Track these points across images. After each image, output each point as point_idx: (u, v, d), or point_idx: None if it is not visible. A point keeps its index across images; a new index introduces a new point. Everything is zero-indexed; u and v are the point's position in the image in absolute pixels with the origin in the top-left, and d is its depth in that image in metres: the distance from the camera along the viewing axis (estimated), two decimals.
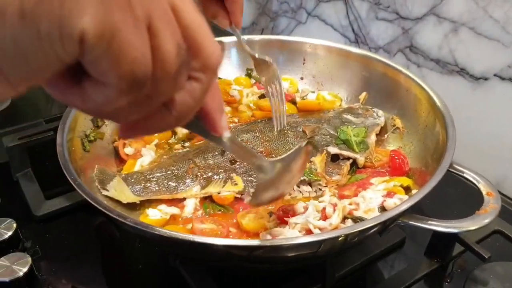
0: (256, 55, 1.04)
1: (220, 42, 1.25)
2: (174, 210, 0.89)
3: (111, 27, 0.33)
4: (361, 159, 0.99)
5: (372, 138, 1.05)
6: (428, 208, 0.96)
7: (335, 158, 1.01)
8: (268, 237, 0.80)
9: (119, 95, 0.37)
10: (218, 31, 1.11)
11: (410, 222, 0.76)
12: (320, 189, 0.95)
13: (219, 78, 1.26)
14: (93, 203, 0.74)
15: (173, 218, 0.89)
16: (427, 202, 0.89)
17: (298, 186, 0.95)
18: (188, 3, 0.40)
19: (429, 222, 0.75)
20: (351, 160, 1.00)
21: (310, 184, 0.96)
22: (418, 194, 0.75)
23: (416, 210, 0.79)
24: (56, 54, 0.33)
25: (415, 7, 1.26)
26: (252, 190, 0.93)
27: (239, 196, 0.93)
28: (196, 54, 0.41)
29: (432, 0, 1.21)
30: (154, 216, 0.87)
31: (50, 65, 0.34)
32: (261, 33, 1.85)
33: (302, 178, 0.94)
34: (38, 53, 0.32)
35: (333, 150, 1.00)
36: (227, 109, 1.18)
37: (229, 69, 1.29)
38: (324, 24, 1.57)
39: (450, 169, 0.83)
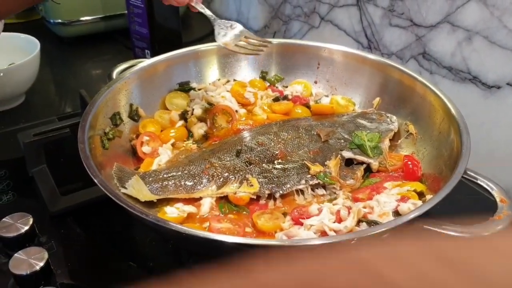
0: (216, 19, 1.07)
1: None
2: (191, 208, 0.91)
3: None
4: (375, 164, 1.00)
5: (386, 143, 1.06)
6: (440, 214, 0.97)
7: (349, 162, 1.02)
8: (284, 237, 0.82)
9: None
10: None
11: (425, 226, 0.77)
12: (334, 193, 0.96)
13: (234, 80, 1.28)
14: (115, 199, 0.76)
15: (190, 216, 0.90)
16: (439, 208, 0.90)
17: (313, 190, 0.96)
18: None
19: (443, 226, 0.76)
20: (365, 165, 1.01)
21: (324, 187, 0.97)
22: (432, 200, 0.77)
23: (429, 216, 0.80)
24: None
25: (430, 14, 1.26)
26: (267, 191, 0.94)
27: (254, 197, 0.94)
28: None
29: (446, 8, 1.21)
30: (171, 213, 0.88)
31: None
32: (273, 37, 1.86)
33: (316, 181, 0.95)
34: None
35: (347, 154, 1.02)
36: (242, 111, 1.19)
37: (244, 72, 1.30)
38: (337, 29, 1.57)
39: (464, 176, 0.84)
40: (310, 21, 1.67)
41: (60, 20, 1.85)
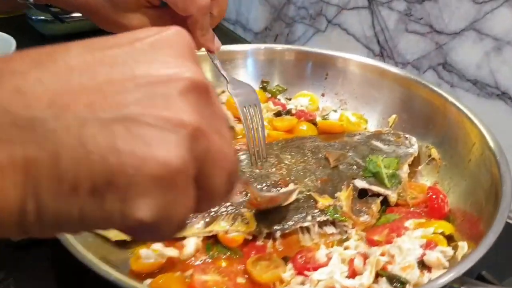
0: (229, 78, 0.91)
1: (234, 52, 1.12)
2: (172, 251, 0.76)
3: (164, 213, 0.36)
4: (393, 197, 0.86)
5: (405, 170, 0.92)
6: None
7: (362, 193, 0.87)
8: None
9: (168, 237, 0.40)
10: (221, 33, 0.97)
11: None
12: (346, 231, 0.82)
13: None
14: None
15: (171, 261, 0.76)
16: None
17: (321, 227, 0.81)
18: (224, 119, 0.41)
19: None
20: (381, 197, 0.86)
21: (333, 224, 0.82)
22: (473, 255, 0.62)
23: None
24: (112, 224, 0.35)
25: (453, 20, 1.13)
26: (266, 231, 0.80)
27: (249, 237, 0.79)
28: None
29: (472, 14, 1.08)
30: (147, 259, 0.74)
31: (99, 227, 0.38)
32: (275, 40, 1.72)
33: (325, 218, 0.81)
34: (97, 223, 0.35)
35: (361, 184, 0.87)
36: (239, 127, 1.03)
37: (243, 80, 1.15)
38: (345, 34, 1.44)
39: (508, 220, 0.69)
40: (315, 24, 1.53)
41: (43, 17, 1.71)
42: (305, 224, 0.80)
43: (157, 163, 0.34)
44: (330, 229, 0.81)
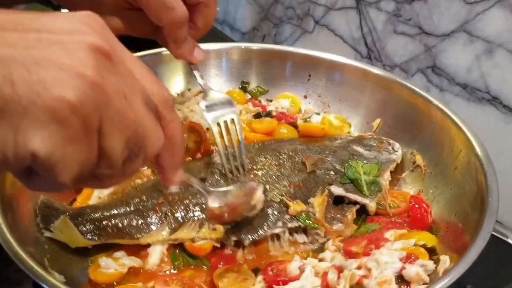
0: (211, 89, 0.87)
1: (208, 51, 1.07)
2: (134, 262, 0.71)
3: (59, 151, 0.38)
4: (371, 206, 0.81)
5: (386, 177, 0.87)
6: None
7: (338, 200, 0.83)
8: None
9: (63, 187, 0.42)
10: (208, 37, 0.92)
11: None
12: (317, 240, 0.77)
13: None
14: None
15: (133, 272, 0.71)
16: None
17: (292, 235, 0.77)
18: (140, 95, 0.44)
19: None
20: (358, 206, 0.82)
21: (305, 232, 0.78)
22: (455, 271, 0.57)
23: None
24: (5, 159, 0.37)
25: (443, 21, 1.09)
26: (234, 238, 0.75)
27: (217, 245, 0.75)
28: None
29: (463, 15, 1.04)
30: (107, 269, 0.69)
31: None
32: (263, 40, 1.69)
33: (297, 224, 0.77)
34: None
35: (337, 190, 0.82)
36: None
37: (221, 81, 1.12)
38: (333, 35, 1.39)
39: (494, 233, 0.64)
40: (303, 25, 1.49)
41: None
42: (275, 231, 0.76)
43: (51, 97, 0.37)
44: (301, 238, 0.77)
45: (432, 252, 0.72)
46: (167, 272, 0.72)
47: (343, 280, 0.64)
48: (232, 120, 0.83)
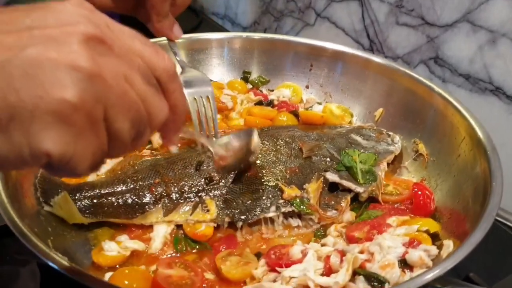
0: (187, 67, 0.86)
1: (210, 40, 1.07)
2: (137, 245, 0.71)
3: (70, 148, 0.40)
4: (363, 194, 0.81)
5: (382, 168, 0.87)
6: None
7: (333, 187, 0.82)
8: None
9: (82, 175, 0.44)
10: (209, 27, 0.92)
11: None
12: (311, 225, 0.77)
13: (211, 81, 1.08)
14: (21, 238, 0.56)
15: (136, 255, 0.71)
16: None
17: (286, 218, 0.77)
18: (138, 71, 0.45)
19: None
20: (352, 194, 0.82)
21: (299, 216, 0.78)
22: (457, 253, 0.57)
23: None
24: (24, 159, 0.40)
25: (445, 12, 1.08)
26: (227, 219, 0.75)
27: (214, 225, 0.75)
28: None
29: (466, 5, 1.04)
30: (110, 251, 0.68)
31: (17, 165, 0.41)
32: None
33: (290, 209, 0.77)
34: (8, 155, 0.39)
35: (332, 177, 0.82)
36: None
37: (222, 71, 1.12)
38: (334, 27, 1.39)
39: (497, 218, 0.64)
40: (304, 18, 1.49)
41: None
42: (269, 215, 0.76)
43: (52, 100, 0.38)
44: (295, 222, 0.77)
45: (435, 238, 0.72)
46: (169, 255, 0.72)
47: (346, 263, 0.63)
48: (208, 98, 0.83)
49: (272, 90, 1.11)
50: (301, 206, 0.76)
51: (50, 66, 0.39)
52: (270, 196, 0.78)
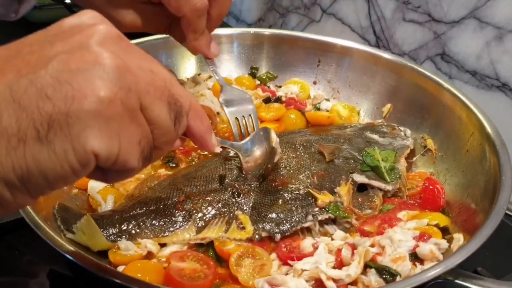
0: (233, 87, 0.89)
1: (219, 36, 1.08)
2: (154, 247, 0.70)
3: (115, 141, 0.41)
4: (391, 192, 0.81)
5: (402, 163, 0.87)
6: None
7: (361, 187, 0.82)
8: (266, 286, 0.61)
9: (135, 170, 0.46)
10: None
11: (457, 281, 0.57)
12: (348, 228, 0.76)
13: None
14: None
15: (151, 254, 0.70)
16: None
17: (321, 226, 0.75)
18: (158, 63, 0.47)
19: (483, 283, 0.57)
20: (382, 191, 0.81)
21: (334, 221, 0.76)
22: (468, 247, 0.58)
23: None
24: (72, 167, 0.40)
25: (452, 8, 1.08)
26: (264, 234, 0.72)
27: (247, 244, 0.72)
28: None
29: (473, 1, 1.04)
30: (127, 251, 0.68)
31: (66, 177, 0.41)
32: None
33: (327, 216, 0.75)
34: (56, 167, 0.39)
35: (360, 178, 0.81)
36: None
37: (230, 67, 1.12)
38: (340, 24, 1.39)
39: (507, 212, 0.65)
40: (310, 14, 1.49)
41: None
42: (306, 225, 0.74)
43: (85, 98, 0.39)
44: (331, 228, 0.75)
45: (444, 232, 0.72)
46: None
47: (357, 256, 0.64)
48: (250, 116, 0.85)
49: (280, 86, 1.11)
50: (337, 211, 0.75)
51: (77, 69, 0.40)
52: (304, 204, 0.75)
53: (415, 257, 0.67)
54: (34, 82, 0.39)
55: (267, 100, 1.04)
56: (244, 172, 0.78)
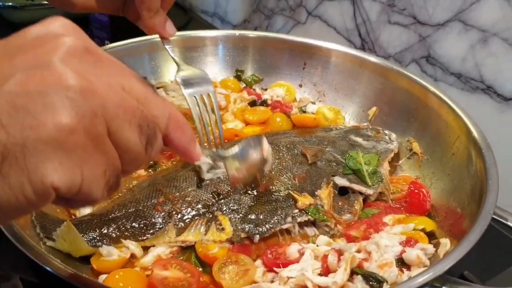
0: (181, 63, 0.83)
1: (204, 38, 1.06)
2: (137, 249, 0.69)
3: (77, 174, 0.37)
4: (373, 197, 0.81)
5: (385, 167, 0.87)
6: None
7: (342, 190, 0.81)
8: None
9: (101, 199, 0.41)
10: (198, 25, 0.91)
11: (445, 287, 0.57)
12: (328, 231, 0.75)
13: None
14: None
15: (134, 256, 0.69)
16: None
17: (301, 227, 0.75)
18: (132, 77, 0.43)
19: None
20: (363, 196, 0.81)
21: (314, 224, 0.76)
22: (455, 252, 0.57)
23: None
24: (29, 200, 0.36)
25: (437, 11, 1.08)
26: (243, 235, 0.72)
27: (230, 246, 0.72)
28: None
29: (458, 4, 1.04)
30: (109, 256, 0.67)
31: (24, 209, 0.37)
32: None
33: (306, 218, 0.74)
34: (11, 200, 0.36)
35: (341, 181, 0.81)
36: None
37: (215, 69, 1.11)
38: (326, 26, 1.38)
39: (494, 216, 0.64)
40: (295, 16, 1.48)
41: (11, 3, 1.64)
42: (285, 226, 0.73)
43: (44, 127, 0.35)
44: (311, 230, 0.75)
45: (431, 237, 0.72)
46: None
47: (343, 262, 0.63)
48: (209, 96, 0.79)
49: (266, 89, 1.10)
50: (317, 214, 0.74)
51: (36, 92, 0.36)
52: (284, 206, 0.75)
53: (401, 263, 0.66)
54: None
55: (252, 103, 1.03)
56: (230, 183, 0.74)
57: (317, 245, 0.71)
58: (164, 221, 0.72)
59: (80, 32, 0.42)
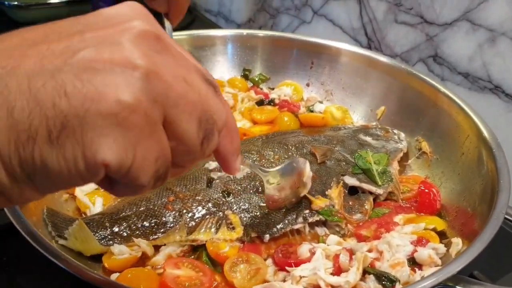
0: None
1: (213, 37, 1.06)
2: (148, 248, 0.69)
3: (129, 154, 0.37)
4: (383, 196, 0.81)
5: (395, 167, 0.86)
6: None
7: (352, 190, 0.81)
8: None
9: (146, 188, 0.40)
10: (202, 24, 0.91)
11: (458, 287, 0.57)
12: (338, 231, 0.75)
13: None
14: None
15: (143, 259, 0.69)
16: None
17: (312, 227, 0.75)
18: (197, 72, 0.42)
19: None
20: (373, 195, 0.81)
21: (324, 223, 0.76)
22: (470, 251, 0.57)
23: None
24: (80, 174, 0.36)
25: (445, 10, 1.08)
26: (254, 234, 0.72)
27: (240, 245, 0.71)
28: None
29: (466, 4, 1.03)
30: (121, 255, 0.67)
31: (73, 182, 0.38)
32: None
33: (317, 218, 0.74)
34: (63, 172, 0.36)
35: (351, 181, 0.81)
36: None
37: (223, 68, 1.11)
38: (332, 25, 1.38)
39: (506, 216, 0.64)
40: (301, 15, 1.48)
41: (16, 3, 1.64)
42: (296, 227, 0.73)
43: (105, 102, 0.35)
44: (321, 230, 0.75)
45: (442, 236, 0.72)
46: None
47: (355, 262, 0.63)
48: None
49: (273, 88, 1.10)
50: (330, 215, 0.74)
51: (103, 67, 0.36)
52: (295, 206, 0.75)
53: (413, 262, 0.66)
54: (55, 77, 0.35)
55: (260, 103, 1.03)
56: (265, 201, 0.74)
57: (328, 245, 0.71)
58: (174, 220, 0.72)
59: (153, 19, 0.42)
